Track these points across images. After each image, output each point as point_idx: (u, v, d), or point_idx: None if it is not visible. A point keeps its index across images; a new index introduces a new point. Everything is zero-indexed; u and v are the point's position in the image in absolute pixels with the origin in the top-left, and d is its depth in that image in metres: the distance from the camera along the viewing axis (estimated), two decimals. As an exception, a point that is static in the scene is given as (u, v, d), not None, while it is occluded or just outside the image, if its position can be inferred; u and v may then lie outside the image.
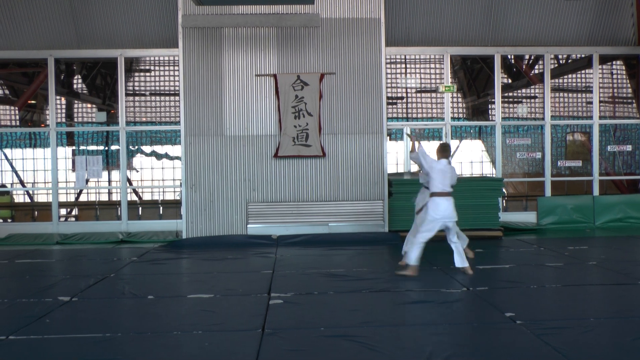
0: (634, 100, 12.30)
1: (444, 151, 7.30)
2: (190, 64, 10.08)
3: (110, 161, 11.86)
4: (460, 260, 6.97)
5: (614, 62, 12.37)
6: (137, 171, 12.55)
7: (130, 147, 11.64)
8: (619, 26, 11.94)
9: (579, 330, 4.75)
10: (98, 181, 11.79)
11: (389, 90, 11.61)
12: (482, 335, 4.81)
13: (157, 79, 11.81)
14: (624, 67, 12.39)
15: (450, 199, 6.96)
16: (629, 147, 12.17)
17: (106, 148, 11.96)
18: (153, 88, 11.75)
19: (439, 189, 6.94)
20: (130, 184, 12.01)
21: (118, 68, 11.00)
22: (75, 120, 12.23)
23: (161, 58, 11.63)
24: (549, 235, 10.63)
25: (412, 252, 6.93)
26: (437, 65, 11.79)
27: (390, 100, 11.83)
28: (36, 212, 12.23)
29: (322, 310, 5.51)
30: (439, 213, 6.87)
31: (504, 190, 11.58)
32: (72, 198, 12.67)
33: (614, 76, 12.46)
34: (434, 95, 11.86)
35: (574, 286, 6.45)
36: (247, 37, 10.12)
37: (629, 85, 12.42)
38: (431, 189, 6.99)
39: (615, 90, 12.43)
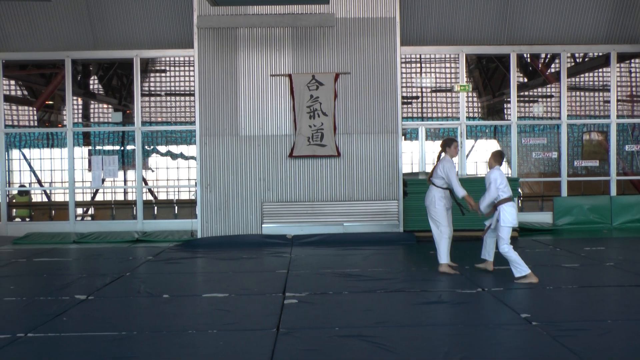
0: (652, 99, 12.15)
1: (500, 157, 7.18)
2: (206, 64, 10.13)
3: (126, 161, 11.95)
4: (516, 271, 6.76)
5: (632, 60, 12.22)
6: (153, 171, 12.63)
7: (146, 147, 11.72)
8: (637, 24, 11.77)
9: (596, 333, 4.70)
10: (114, 181, 11.88)
11: (404, 89, 11.58)
12: (498, 336, 4.77)
13: (172, 79, 11.88)
14: (642, 66, 12.24)
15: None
16: (647, 147, 12.02)
17: (122, 148, 12.05)
18: (168, 88, 11.83)
19: (507, 194, 6.87)
20: (146, 183, 12.10)
21: (134, 68, 11.08)
22: (92, 120, 12.34)
23: (176, 58, 11.70)
24: (565, 235, 10.53)
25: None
26: (452, 65, 11.74)
27: (405, 100, 11.79)
28: (53, 212, 12.37)
29: (336, 310, 5.51)
30: (514, 219, 6.83)
31: (519, 190, 11.49)
32: (88, 197, 12.79)
33: (632, 74, 12.31)
34: (449, 94, 11.80)
35: (591, 287, 6.38)
36: (262, 37, 10.15)
37: (647, 84, 12.26)
38: (502, 195, 6.89)
39: (634, 88, 12.28)
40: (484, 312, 5.57)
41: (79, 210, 12.65)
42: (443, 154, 7.36)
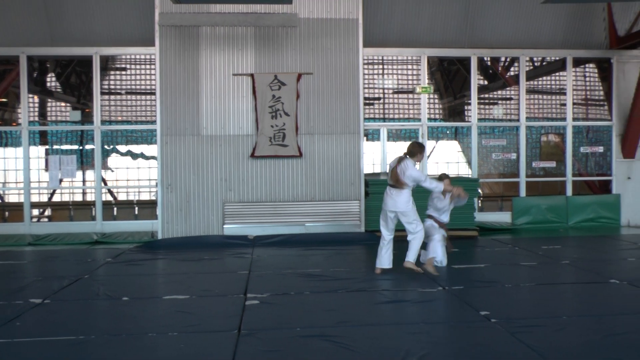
0: (605, 103, 12.52)
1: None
2: (167, 62, 9.99)
3: (84, 161, 11.70)
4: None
5: (586, 65, 12.57)
6: (113, 171, 12.39)
7: (106, 146, 11.50)
8: (592, 30, 12.14)
9: (552, 328, 4.81)
10: (72, 181, 11.61)
11: (366, 90, 11.65)
12: (458, 333, 4.85)
13: (133, 77, 11.67)
14: (596, 70, 12.60)
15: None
16: (600, 149, 12.38)
17: (81, 147, 11.79)
18: (129, 87, 11.61)
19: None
20: (105, 184, 11.87)
21: (93, 66, 10.86)
22: (49, 119, 12.03)
23: (138, 56, 11.50)
24: (523, 234, 10.77)
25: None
26: (414, 67, 11.86)
27: (368, 101, 11.86)
28: (7, 213, 12.00)
29: (298, 310, 5.51)
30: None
31: (479, 190, 11.70)
32: (45, 198, 12.47)
33: (587, 79, 12.66)
34: (410, 96, 11.93)
35: (548, 285, 6.54)
36: (225, 36, 10.07)
37: (601, 87, 12.63)
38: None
39: (588, 92, 12.63)
40: (444, 310, 5.65)
41: (35, 212, 12.31)
42: (407, 157, 7.01)
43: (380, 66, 11.99)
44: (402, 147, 12.38)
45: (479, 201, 12.00)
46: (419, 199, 7.35)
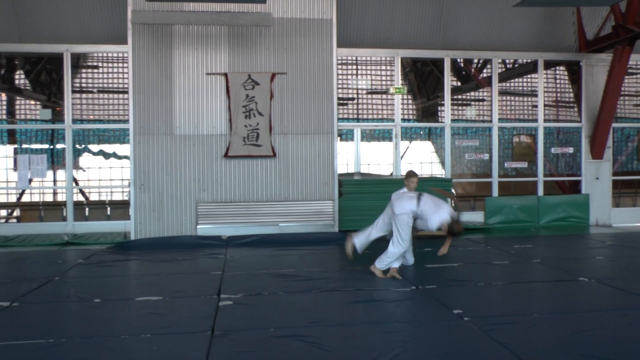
0: (575, 105, 12.75)
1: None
2: (140, 61, 9.88)
3: (55, 160, 11.51)
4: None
5: (557, 68, 12.79)
6: (84, 171, 12.19)
7: (77, 145, 11.32)
8: (562, 34, 12.36)
9: (523, 326, 4.89)
10: (42, 181, 11.41)
11: (340, 91, 11.68)
12: (431, 332, 4.89)
13: (105, 75, 11.51)
14: (566, 73, 12.83)
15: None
16: (571, 150, 12.61)
17: (51, 147, 11.59)
18: (101, 85, 11.46)
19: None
20: (77, 183, 11.68)
21: (64, 64, 10.69)
22: (18, 117, 11.80)
23: (110, 54, 11.34)
24: (495, 234, 10.91)
25: None
26: (388, 67, 11.93)
27: (341, 101, 11.89)
28: (-25, 213, 11.76)
29: (272, 310, 5.49)
30: None
31: (452, 190, 11.80)
32: (13, 198, 12.22)
33: (557, 81, 12.88)
34: (384, 96, 11.99)
35: (519, 283, 6.64)
36: (199, 35, 10.00)
37: (571, 90, 12.86)
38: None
39: (559, 94, 12.85)
40: (417, 309, 5.69)
41: (3, 212, 12.07)
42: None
43: (354, 66, 12.04)
44: (376, 147, 12.55)
45: (452, 201, 12.10)
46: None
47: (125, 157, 11.36)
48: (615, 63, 11.46)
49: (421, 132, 12.89)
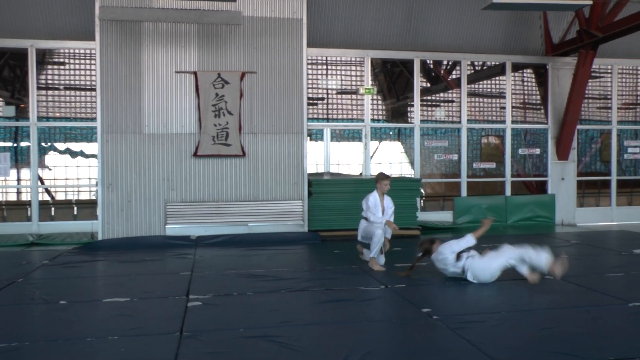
0: (542, 107, 13.00)
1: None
2: (108, 58, 9.73)
3: (19, 158, 11.26)
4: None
5: (524, 70, 13.02)
6: (50, 169, 11.94)
7: (43, 143, 11.10)
8: (529, 37, 12.60)
9: (491, 323, 4.97)
10: (5, 180, 11.15)
11: (310, 90, 11.68)
12: (400, 331, 4.92)
13: (72, 72, 11.30)
14: (533, 75, 13.07)
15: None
16: (537, 151, 12.85)
17: (15, 144, 11.34)
18: (68, 82, 11.25)
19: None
20: (42, 182, 11.44)
21: (29, 60, 10.48)
22: (-20, 114, 11.51)
23: (77, 51, 11.14)
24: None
25: None
26: (358, 68, 11.99)
27: (311, 101, 11.90)
28: None
29: (241, 311, 5.47)
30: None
31: (421, 190, 11.93)
32: (-24, 198, 11.92)
33: (525, 83, 13.10)
34: (354, 96, 12.04)
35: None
36: (168, 33, 9.89)
37: (537, 92, 13.10)
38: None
39: (526, 96, 13.08)
40: (387, 308, 5.72)
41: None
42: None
43: (324, 66, 12.06)
44: (345, 147, 12.59)
45: (421, 201, 12.24)
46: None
47: (93, 155, 11.17)
48: (580, 67, 11.72)
49: (390, 133, 12.97)
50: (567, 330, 4.78)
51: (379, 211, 7.52)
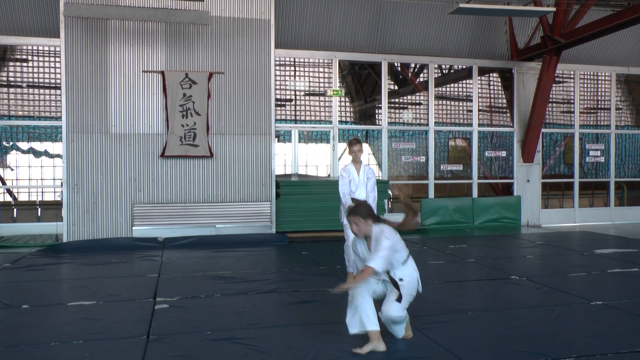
0: (508, 110, 13.22)
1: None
2: (74, 56, 9.56)
3: (-20, 158, 10.97)
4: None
5: (491, 74, 13.23)
6: (12, 170, 11.66)
7: (4, 143, 10.84)
8: (495, 42, 12.81)
9: (457, 323, 5.03)
10: (-35, 180, 10.86)
11: (278, 92, 11.67)
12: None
13: (36, 70, 11.05)
14: (499, 79, 13.29)
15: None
16: (503, 153, 13.06)
17: (-25, 144, 11.05)
18: (31, 80, 11.00)
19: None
20: (4, 183, 11.17)
21: (-10, 58, 10.23)
22: (-61, 113, 11.18)
23: (41, 48, 10.91)
24: (432, 234, 11.16)
25: None
26: (326, 69, 12.02)
27: (279, 102, 11.88)
28: None
29: (208, 313, 5.43)
30: None
31: (389, 192, 12.01)
32: None
33: (491, 87, 13.31)
34: (322, 98, 12.07)
35: (454, 282, 6.81)
36: (135, 31, 9.77)
37: (503, 96, 13.33)
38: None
39: (492, 100, 13.29)
40: (355, 310, 5.72)
41: None
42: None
43: (292, 68, 12.06)
44: (313, 149, 12.60)
45: (389, 202, 12.32)
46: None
47: (58, 155, 10.95)
48: (544, 71, 11.96)
49: (358, 134, 13.03)
50: (532, 330, 4.87)
51: (354, 183, 6.69)
